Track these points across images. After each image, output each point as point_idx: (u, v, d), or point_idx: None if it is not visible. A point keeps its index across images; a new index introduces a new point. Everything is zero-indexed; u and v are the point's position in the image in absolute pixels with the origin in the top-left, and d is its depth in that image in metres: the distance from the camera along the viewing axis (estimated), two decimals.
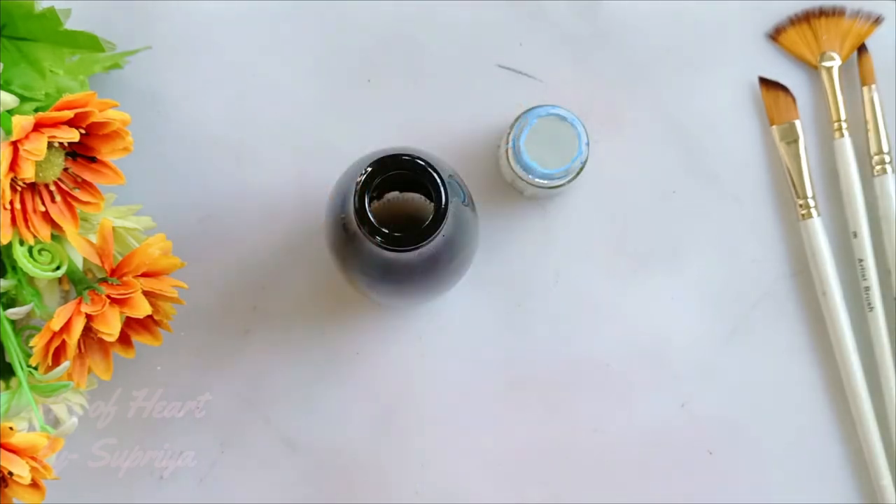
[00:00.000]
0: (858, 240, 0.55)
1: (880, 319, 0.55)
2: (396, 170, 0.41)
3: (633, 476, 0.56)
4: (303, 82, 0.56)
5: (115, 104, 0.44)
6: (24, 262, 0.45)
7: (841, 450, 0.56)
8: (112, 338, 0.44)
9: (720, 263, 0.56)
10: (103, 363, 0.47)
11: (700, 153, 0.56)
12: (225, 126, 0.56)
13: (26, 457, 0.42)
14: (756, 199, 0.56)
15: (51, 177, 0.44)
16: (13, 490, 0.43)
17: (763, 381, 0.56)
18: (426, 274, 0.47)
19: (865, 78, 0.56)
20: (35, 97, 0.48)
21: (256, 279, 0.56)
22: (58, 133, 0.42)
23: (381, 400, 0.56)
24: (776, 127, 0.56)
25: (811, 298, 0.56)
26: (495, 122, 0.56)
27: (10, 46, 0.49)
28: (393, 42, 0.57)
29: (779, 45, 0.56)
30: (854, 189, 0.55)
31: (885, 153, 0.55)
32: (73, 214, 0.45)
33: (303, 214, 0.56)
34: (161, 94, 0.56)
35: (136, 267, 0.46)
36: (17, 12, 0.48)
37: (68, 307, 0.44)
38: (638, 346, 0.56)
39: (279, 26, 0.57)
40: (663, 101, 0.56)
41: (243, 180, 0.56)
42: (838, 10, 0.56)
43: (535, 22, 0.57)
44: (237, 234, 0.56)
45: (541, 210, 0.56)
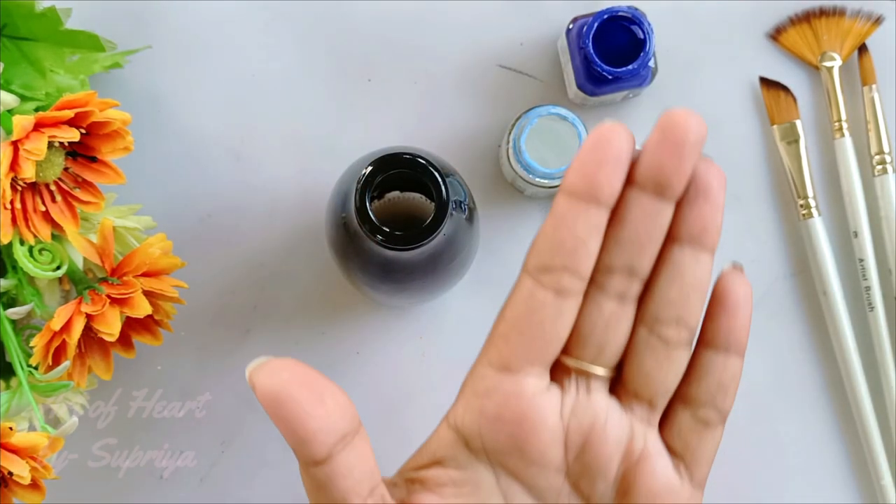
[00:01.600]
0: (859, 240, 0.55)
1: (881, 319, 0.55)
2: (397, 169, 0.42)
3: None
4: (303, 82, 0.56)
5: (116, 104, 0.44)
6: (25, 261, 0.45)
7: (841, 450, 0.56)
8: (112, 338, 0.44)
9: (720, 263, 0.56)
10: (103, 363, 0.47)
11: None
12: (225, 126, 0.56)
13: (26, 457, 0.42)
14: (756, 198, 0.57)
15: (51, 176, 0.44)
16: (13, 490, 0.43)
17: (763, 381, 0.56)
18: (427, 273, 0.47)
19: (866, 78, 0.56)
20: (35, 97, 0.48)
21: (256, 279, 0.56)
22: (58, 133, 0.42)
23: (381, 399, 0.56)
24: (777, 127, 0.56)
25: (811, 298, 0.56)
26: (496, 122, 0.56)
27: (10, 46, 0.49)
28: (393, 42, 0.57)
29: (779, 45, 0.57)
30: (854, 189, 0.55)
31: (886, 153, 0.55)
32: (74, 214, 0.45)
33: (303, 214, 0.56)
34: (161, 94, 0.56)
35: (137, 267, 0.46)
36: (18, 12, 0.48)
37: (68, 307, 0.44)
38: None
39: (279, 26, 0.57)
40: (663, 101, 0.56)
41: (243, 180, 0.56)
42: (839, 10, 0.56)
43: (535, 22, 0.57)
44: (237, 234, 0.56)
45: (541, 210, 0.56)
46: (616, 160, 0.32)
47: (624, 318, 0.35)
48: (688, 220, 0.34)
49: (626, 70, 0.52)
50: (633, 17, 0.52)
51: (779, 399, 0.56)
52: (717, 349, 0.36)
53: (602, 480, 0.35)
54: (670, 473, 0.36)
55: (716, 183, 0.34)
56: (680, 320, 0.35)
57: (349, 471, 0.33)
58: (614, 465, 0.35)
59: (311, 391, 0.32)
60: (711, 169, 0.34)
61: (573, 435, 0.35)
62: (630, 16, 0.52)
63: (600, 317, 0.35)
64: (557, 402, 0.35)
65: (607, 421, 0.35)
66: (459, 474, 0.35)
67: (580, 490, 0.36)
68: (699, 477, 0.37)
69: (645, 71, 0.53)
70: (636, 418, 0.36)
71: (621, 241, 0.34)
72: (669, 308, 0.35)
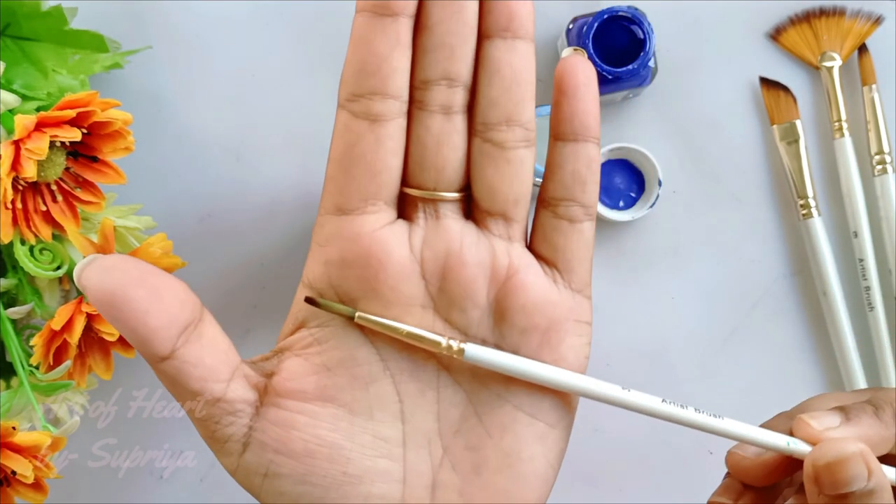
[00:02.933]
0: (859, 240, 0.55)
1: (880, 319, 0.55)
2: None
3: (634, 476, 0.56)
4: (303, 82, 0.56)
5: (117, 104, 0.44)
6: (26, 261, 0.45)
7: None
8: (113, 337, 0.44)
9: (720, 263, 0.56)
10: (104, 363, 0.47)
11: (700, 153, 0.57)
12: (225, 126, 0.56)
13: (29, 456, 0.42)
14: (756, 198, 0.57)
15: (52, 176, 0.44)
16: (16, 489, 0.43)
17: (763, 381, 0.56)
18: None
19: (866, 78, 0.56)
20: (37, 97, 0.48)
21: (256, 279, 0.56)
22: (60, 132, 0.42)
23: None
24: (777, 127, 0.56)
25: (811, 298, 0.56)
26: None
27: (12, 46, 0.49)
28: None
29: (779, 45, 0.57)
30: (854, 189, 0.55)
31: (886, 153, 0.55)
32: (75, 214, 0.45)
33: (303, 214, 0.56)
34: (161, 94, 0.56)
35: None
36: (21, 11, 0.48)
37: (69, 307, 0.44)
38: (638, 346, 0.56)
39: (279, 26, 0.57)
40: (663, 101, 0.56)
41: (243, 180, 0.56)
42: (839, 10, 0.56)
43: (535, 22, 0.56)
44: (237, 234, 0.56)
45: None
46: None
47: (455, 133, 0.33)
48: (493, 9, 0.32)
49: (626, 70, 0.52)
50: (633, 17, 0.52)
51: (779, 399, 0.56)
52: (565, 138, 0.34)
53: (473, 307, 0.34)
54: (544, 282, 0.34)
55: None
56: (510, 119, 0.33)
57: (199, 359, 0.32)
58: (481, 288, 0.33)
59: (146, 288, 0.31)
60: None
61: (429, 265, 0.33)
62: (630, 16, 0.52)
63: (429, 136, 0.33)
64: (404, 235, 0.33)
65: (463, 244, 0.33)
66: (322, 331, 0.34)
67: (453, 323, 0.34)
68: (579, 280, 0.35)
69: (645, 71, 0.53)
70: (495, 236, 0.34)
71: (429, 48, 0.32)
72: (495, 109, 0.33)
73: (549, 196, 0.35)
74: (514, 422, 0.34)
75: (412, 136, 0.33)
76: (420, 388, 0.34)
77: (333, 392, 0.33)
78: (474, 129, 0.33)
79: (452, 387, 0.34)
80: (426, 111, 0.33)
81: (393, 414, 0.34)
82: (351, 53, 0.32)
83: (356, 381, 0.33)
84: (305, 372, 0.33)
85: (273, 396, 0.33)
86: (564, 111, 0.33)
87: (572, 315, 0.35)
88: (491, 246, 0.34)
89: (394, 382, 0.34)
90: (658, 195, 0.54)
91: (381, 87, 0.32)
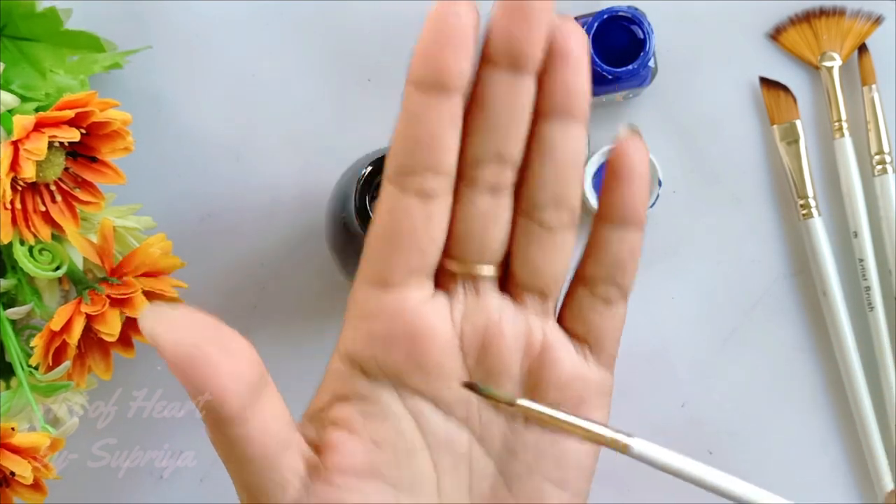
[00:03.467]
0: (859, 240, 0.55)
1: (880, 319, 0.55)
2: None
3: (633, 476, 0.56)
4: (303, 82, 0.56)
5: (116, 104, 0.44)
6: (25, 261, 0.45)
7: (841, 450, 0.56)
8: (112, 338, 0.44)
9: (720, 263, 0.56)
10: (103, 363, 0.47)
11: (700, 153, 0.56)
12: (225, 126, 0.56)
13: (28, 457, 0.42)
14: (756, 199, 0.57)
15: (51, 176, 0.44)
16: (15, 490, 0.43)
17: (763, 381, 0.56)
18: None
19: (866, 78, 0.56)
20: (35, 97, 0.48)
21: (256, 279, 0.56)
22: (58, 133, 0.42)
23: None
24: (777, 127, 0.56)
25: (811, 298, 0.56)
26: None
27: (10, 46, 0.49)
28: (393, 42, 0.57)
29: (779, 44, 0.57)
30: (854, 189, 0.55)
31: (886, 153, 0.55)
32: (74, 214, 0.45)
33: (303, 214, 0.56)
34: (161, 94, 0.56)
35: (137, 267, 0.46)
36: (18, 12, 0.48)
37: (68, 307, 0.44)
38: (638, 346, 0.56)
39: (279, 26, 0.57)
40: (663, 101, 0.56)
41: (243, 180, 0.56)
42: (839, 9, 0.56)
43: None
44: (237, 234, 0.56)
45: None
46: (459, 39, 0.29)
47: (501, 211, 0.32)
48: (550, 90, 0.31)
49: (626, 70, 0.52)
50: (633, 17, 0.52)
51: (779, 399, 0.56)
52: (612, 222, 0.33)
53: (508, 380, 0.34)
54: (575, 359, 0.34)
55: (574, 43, 0.31)
56: (558, 201, 0.32)
57: (267, 424, 0.31)
58: (516, 362, 0.34)
59: (218, 346, 0.30)
60: (567, 27, 0.31)
61: (469, 339, 0.33)
62: (630, 16, 0.52)
63: (476, 213, 0.32)
64: (446, 309, 0.33)
65: (501, 319, 0.33)
66: (364, 405, 0.34)
67: None
68: (606, 357, 0.35)
69: (645, 71, 0.53)
70: (531, 312, 0.34)
71: (483, 127, 0.31)
72: (545, 190, 0.32)
73: (589, 275, 0.34)
74: (542, 493, 0.34)
75: (457, 211, 0.33)
76: (454, 462, 0.34)
77: (381, 468, 0.33)
78: (521, 207, 0.33)
79: (484, 459, 0.34)
80: (474, 187, 0.32)
81: (430, 489, 0.34)
82: (402, 128, 0.31)
83: (400, 456, 0.33)
84: (356, 448, 0.33)
85: (322, 471, 0.33)
86: (616, 196, 0.33)
87: (600, 390, 0.35)
88: (526, 321, 0.34)
89: (431, 456, 0.34)
90: (658, 195, 0.54)
91: (432, 164, 0.31)
